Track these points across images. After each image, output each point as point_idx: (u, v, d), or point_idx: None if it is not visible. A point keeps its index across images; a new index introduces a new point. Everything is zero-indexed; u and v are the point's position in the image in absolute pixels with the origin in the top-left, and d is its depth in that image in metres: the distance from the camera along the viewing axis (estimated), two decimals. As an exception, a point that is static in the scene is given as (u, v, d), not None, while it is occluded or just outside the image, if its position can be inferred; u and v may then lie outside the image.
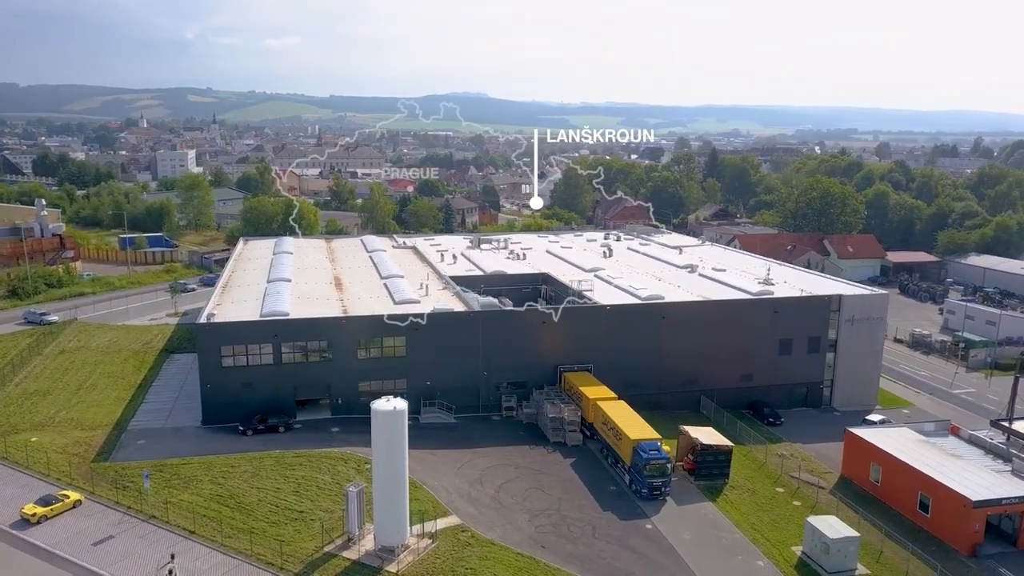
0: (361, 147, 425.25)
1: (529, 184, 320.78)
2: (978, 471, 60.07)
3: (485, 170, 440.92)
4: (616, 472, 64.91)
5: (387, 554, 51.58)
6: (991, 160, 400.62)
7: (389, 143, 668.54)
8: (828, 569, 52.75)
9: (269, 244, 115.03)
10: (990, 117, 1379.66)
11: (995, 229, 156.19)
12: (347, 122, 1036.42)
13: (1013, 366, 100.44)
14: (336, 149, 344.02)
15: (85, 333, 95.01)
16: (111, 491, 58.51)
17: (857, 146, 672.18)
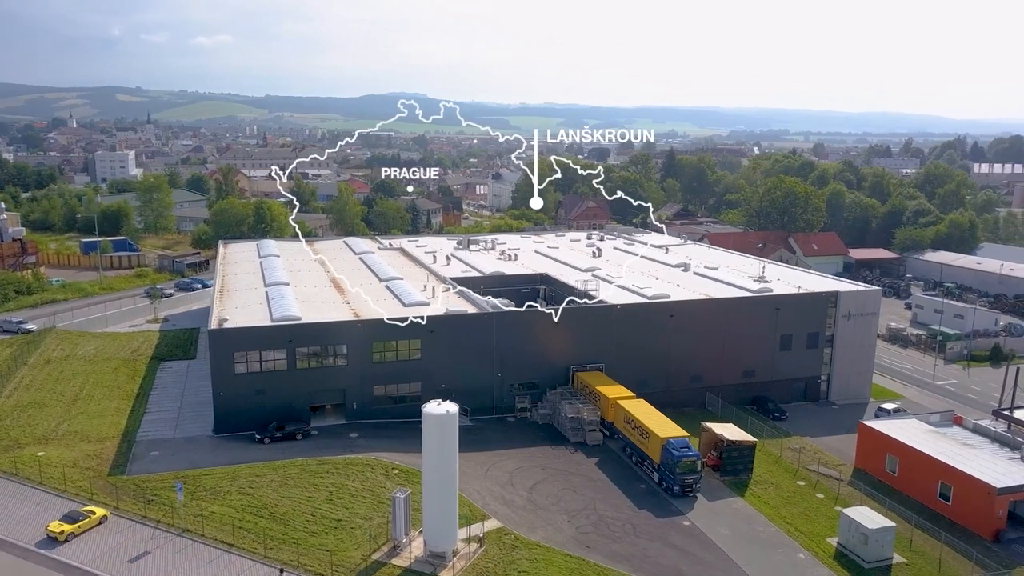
0: (307, 147, 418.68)
1: (484, 185, 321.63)
2: (992, 459, 62.45)
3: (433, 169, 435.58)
4: (643, 470, 65.39)
5: (438, 560, 50.96)
6: (922, 160, 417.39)
7: (331, 143, 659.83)
8: (866, 559, 54.15)
9: (250, 247, 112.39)
10: (911, 119, 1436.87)
11: (948, 226, 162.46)
12: (285, 122, 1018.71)
13: (987, 357, 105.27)
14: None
15: (67, 341, 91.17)
16: (135, 505, 56.37)
17: (790, 147, 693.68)
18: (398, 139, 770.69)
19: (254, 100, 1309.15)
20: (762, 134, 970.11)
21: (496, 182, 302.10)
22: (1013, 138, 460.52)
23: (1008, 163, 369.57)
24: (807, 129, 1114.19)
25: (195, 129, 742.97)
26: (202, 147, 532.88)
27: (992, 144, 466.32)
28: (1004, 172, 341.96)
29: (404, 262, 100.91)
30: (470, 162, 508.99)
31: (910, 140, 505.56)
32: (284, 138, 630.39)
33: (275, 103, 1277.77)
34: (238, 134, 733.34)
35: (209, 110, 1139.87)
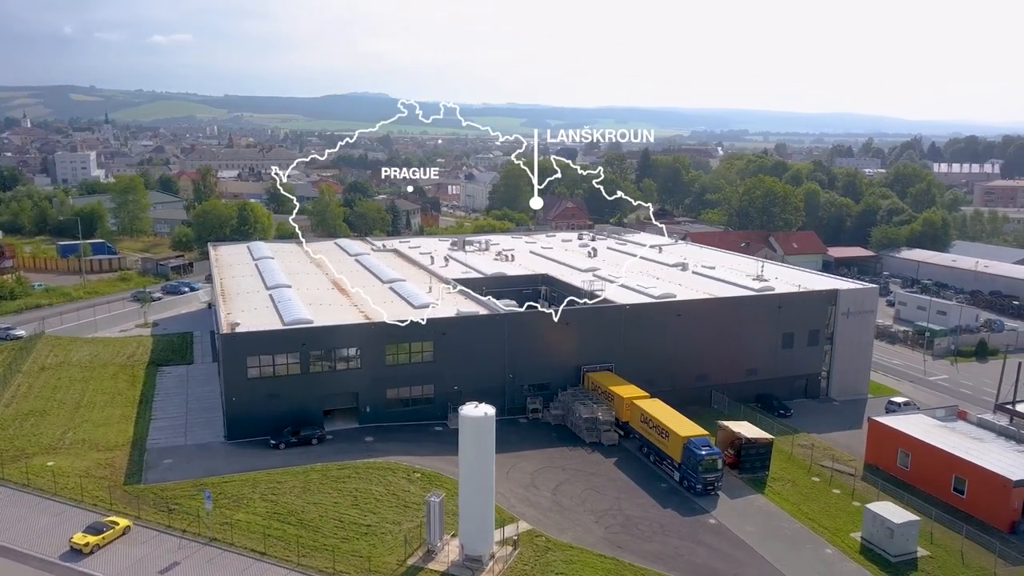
0: (275, 148, 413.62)
1: (456, 185, 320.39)
2: (1002, 452, 63.95)
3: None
4: (663, 469, 65.72)
5: (475, 564, 50.64)
6: (883, 160, 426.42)
7: (294, 143, 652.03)
8: (892, 553, 55.07)
9: (241, 249, 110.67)
10: (866, 119, 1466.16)
11: (923, 224, 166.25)
12: (245, 122, 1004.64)
13: (973, 352, 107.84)
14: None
15: (60, 348, 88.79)
16: (158, 515, 55.08)
17: (751, 146, 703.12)
18: (362, 139, 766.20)
19: (213, 100, 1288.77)
20: (723, 134, 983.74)
21: (469, 182, 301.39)
22: (968, 138, 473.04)
23: (965, 163, 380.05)
24: (766, 129, 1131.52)
25: (154, 129, 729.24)
26: (163, 148, 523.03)
27: (947, 144, 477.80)
28: (963, 172, 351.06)
29: (402, 264, 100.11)
30: (437, 162, 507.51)
31: (870, 140, 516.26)
32: (246, 138, 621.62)
33: (234, 103, 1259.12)
34: (199, 134, 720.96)
35: (167, 110, 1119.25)
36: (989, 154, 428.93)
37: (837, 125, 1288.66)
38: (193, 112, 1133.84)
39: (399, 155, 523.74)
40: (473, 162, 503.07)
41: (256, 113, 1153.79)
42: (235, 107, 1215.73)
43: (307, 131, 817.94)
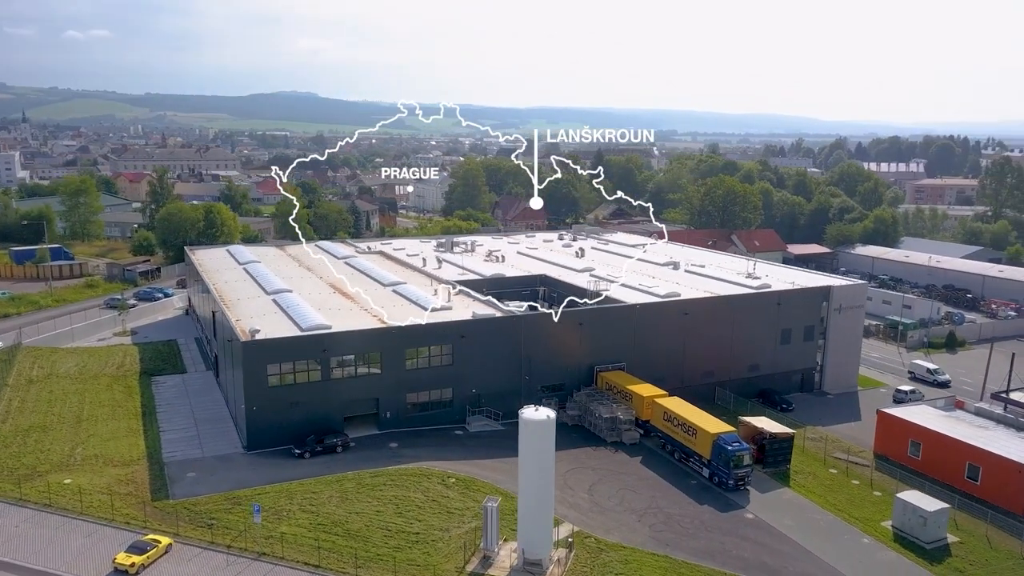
0: (213, 149, 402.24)
1: (404, 186, 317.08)
2: (1009, 439, 66.93)
3: (340, 171, 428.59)
4: (690, 466, 66.53)
5: (536, 568, 50.33)
6: (813, 160, 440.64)
7: (225, 143, 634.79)
8: (925, 540, 57.08)
9: (221, 253, 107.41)
10: (787, 120, 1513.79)
11: (874, 222, 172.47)
12: (169, 121, 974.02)
13: (943, 344, 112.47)
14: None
15: (42, 359, 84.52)
16: (196, 530, 53.06)
17: (682, 147, 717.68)
18: (295, 139, 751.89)
19: (133, 98, 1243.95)
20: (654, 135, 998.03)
21: (420, 182, 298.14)
22: (891, 139, 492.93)
23: (890, 162, 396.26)
24: (694, 130, 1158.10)
25: (74, 128, 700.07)
26: (88, 148, 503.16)
27: (872, 144, 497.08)
28: (891, 171, 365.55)
29: (394, 266, 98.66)
30: (376, 162, 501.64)
31: (800, 141, 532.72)
32: (174, 138, 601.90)
33: (156, 101, 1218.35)
34: (123, 134, 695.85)
35: (84, 108, 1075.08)
36: (911, 154, 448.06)
37: (761, 125, 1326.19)
38: (112, 111, 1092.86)
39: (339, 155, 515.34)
40: (413, 162, 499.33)
41: (180, 112, 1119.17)
42: (157, 106, 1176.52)
43: (236, 131, 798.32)
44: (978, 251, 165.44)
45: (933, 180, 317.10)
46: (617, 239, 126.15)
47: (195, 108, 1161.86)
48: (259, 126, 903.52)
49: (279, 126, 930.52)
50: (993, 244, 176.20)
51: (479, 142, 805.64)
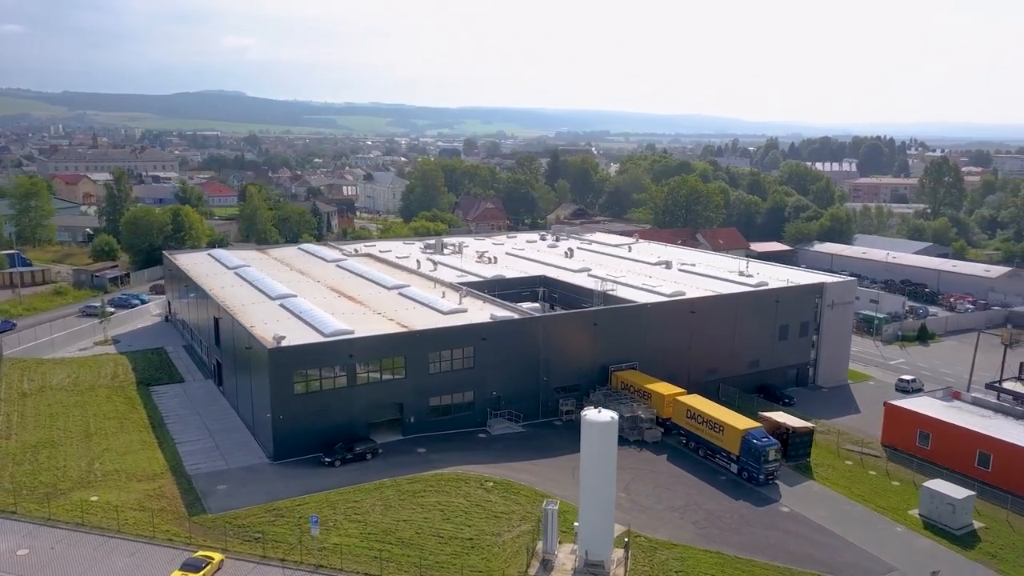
0: (148, 150, 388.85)
1: (350, 186, 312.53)
2: (1013, 427, 70.01)
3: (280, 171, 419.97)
4: (716, 463, 67.48)
5: (599, 569, 50.35)
6: (750, 160, 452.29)
7: (153, 143, 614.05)
8: (954, 526, 59.26)
9: (202, 258, 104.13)
10: (713, 120, 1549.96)
11: (830, 220, 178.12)
12: (90, 121, 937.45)
13: (916, 337, 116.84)
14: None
15: (29, 370, 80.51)
16: (245, 545, 51.37)
17: (616, 147, 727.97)
18: (226, 139, 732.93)
19: (50, 96, 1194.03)
20: (587, 134, 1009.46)
21: (369, 183, 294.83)
22: (822, 139, 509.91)
23: (824, 162, 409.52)
24: (626, 130, 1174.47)
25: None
26: (8, 148, 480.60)
27: (803, 144, 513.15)
28: (825, 170, 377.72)
29: (390, 269, 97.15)
30: (315, 162, 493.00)
31: (735, 141, 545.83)
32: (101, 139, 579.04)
33: (75, 100, 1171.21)
34: (43, 133, 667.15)
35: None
36: (842, 154, 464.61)
37: (689, 126, 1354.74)
38: (28, 109, 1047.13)
39: (278, 156, 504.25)
40: (353, 163, 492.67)
41: (101, 111, 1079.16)
42: (76, 104, 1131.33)
43: (164, 131, 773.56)
44: (928, 247, 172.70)
45: (869, 179, 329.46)
46: (598, 239, 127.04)
47: (117, 107, 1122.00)
48: (187, 126, 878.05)
49: (208, 126, 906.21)
50: (935, 240, 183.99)
51: (415, 142, 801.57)
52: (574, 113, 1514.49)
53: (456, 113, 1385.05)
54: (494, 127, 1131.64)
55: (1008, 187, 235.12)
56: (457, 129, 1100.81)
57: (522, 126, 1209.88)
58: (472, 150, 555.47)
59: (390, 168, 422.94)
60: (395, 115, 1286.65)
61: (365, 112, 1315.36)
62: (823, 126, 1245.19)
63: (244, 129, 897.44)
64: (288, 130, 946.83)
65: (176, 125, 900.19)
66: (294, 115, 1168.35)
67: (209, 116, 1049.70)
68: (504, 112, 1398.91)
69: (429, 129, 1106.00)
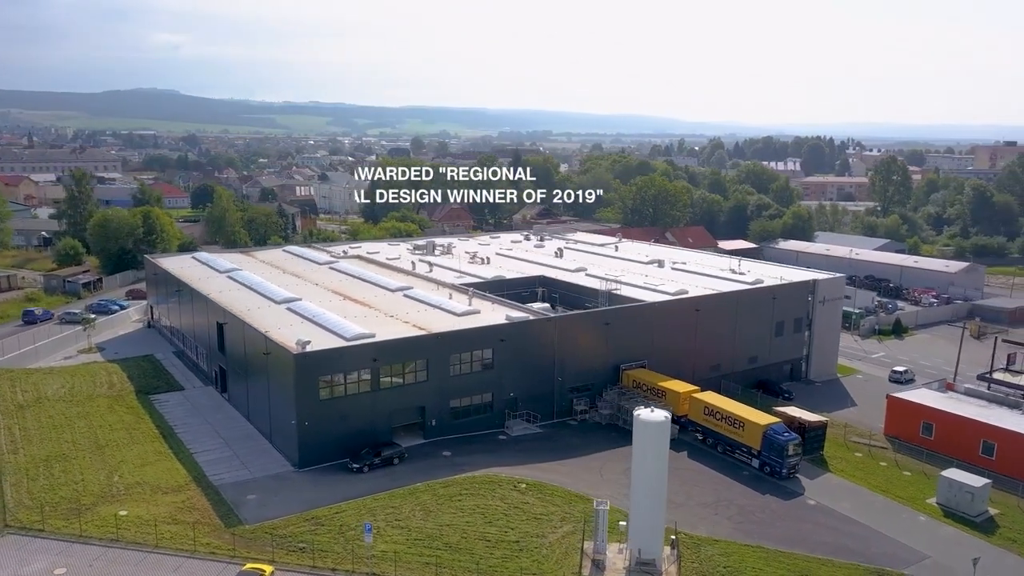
0: (89, 150, 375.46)
1: (304, 187, 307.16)
2: (1011, 416, 72.82)
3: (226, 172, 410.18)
4: (737, 458, 68.47)
5: (651, 567, 50.63)
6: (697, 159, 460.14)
7: (87, 142, 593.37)
8: (972, 513, 61.35)
9: (188, 261, 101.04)
10: (652, 120, 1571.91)
11: (792, 218, 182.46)
12: (16, 120, 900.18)
13: (891, 331, 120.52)
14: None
15: (21, 381, 77.07)
16: (291, 556, 50.12)
17: (560, 146, 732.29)
18: (164, 138, 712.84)
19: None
20: (529, 134, 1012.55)
21: (324, 183, 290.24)
22: (765, 139, 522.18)
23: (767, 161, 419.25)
24: (568, 130, 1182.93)
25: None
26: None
27: (747, 143, 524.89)
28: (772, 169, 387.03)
29: (386, 270, 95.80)
30: (260, 162, 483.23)
31: (682, 141, 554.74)
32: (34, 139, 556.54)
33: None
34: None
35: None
36: (784, 153, 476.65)
37: (629, 126, 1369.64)
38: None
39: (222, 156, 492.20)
40: (300, 162, 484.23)
41: (26, 109, 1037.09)
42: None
43: (97, 130, 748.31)
44: (887, 244, 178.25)
45: (815, 178, 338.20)
46: (582, 239, 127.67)
47: (44, 105, 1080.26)
48: (119, 125, 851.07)
49: (141, 125, 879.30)
50: (887, 237, 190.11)
51: (359, 141, 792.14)
52: (515, 113, 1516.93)
53: (398, 112, 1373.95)
54: (437, 127, 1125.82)
55: (951, 185, 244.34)
56: (399, 129, 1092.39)
57: (465, 126, 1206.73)
58: (420, 149, 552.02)
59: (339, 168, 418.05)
60: (335, 114, 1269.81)
61: (304, 111, 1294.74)
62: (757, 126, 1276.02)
63: (180, 128, 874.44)
64: (226, 129, 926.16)
65: (108, 124, 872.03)
66: (231, 114, 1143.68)
67: (142, 115, 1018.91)
68: (446, 112, 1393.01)
69: (371, 128, 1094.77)
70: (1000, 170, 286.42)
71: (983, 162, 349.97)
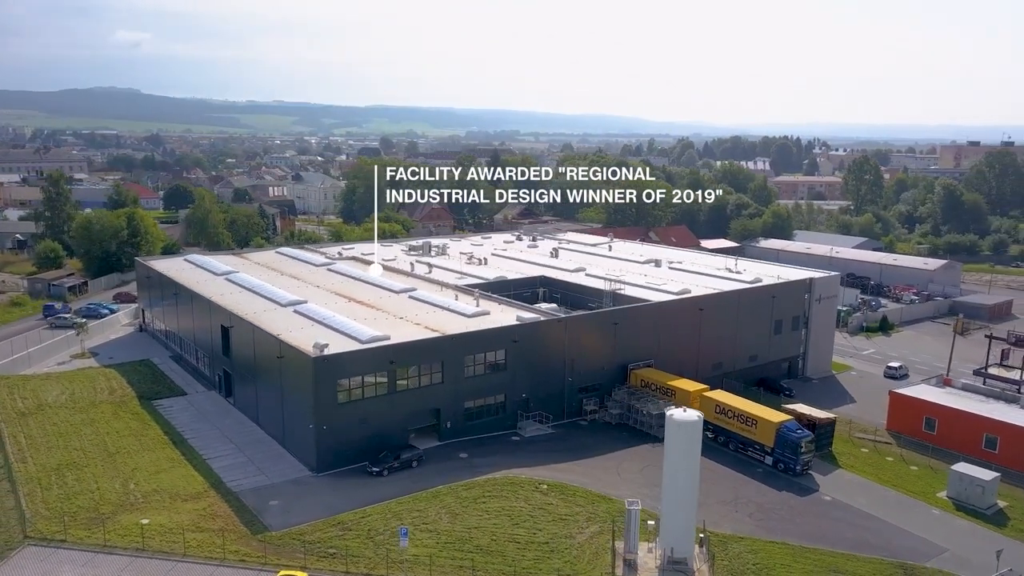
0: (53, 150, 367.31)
1: (276, 187, 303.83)
2: (1010, 411, 74.50)
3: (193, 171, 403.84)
4: (749, 455, 69.09)
5: (682, 566, 50.95)
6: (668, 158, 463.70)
7: (47, 141, 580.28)
8: (982, 506, 62.61)
9: (181, 264, 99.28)
10: (619, 120, 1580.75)
11: (772, 216, 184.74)
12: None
13: (879, 328, 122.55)
14: None
15: (19, 388, 75.19)
16: (322, 561, 49.62)
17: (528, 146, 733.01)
18: (127, 138, 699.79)
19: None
20: (496, 134, 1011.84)
21: (298, 184, 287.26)
22: (733, 138, 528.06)
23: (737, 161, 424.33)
24: (535, 129, 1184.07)
25: None
26: None
27: (715, 143, 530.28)
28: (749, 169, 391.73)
29: (387, 272, 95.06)
30: (228, 162, 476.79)
31: (652, 140, 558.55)
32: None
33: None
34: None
35: None
36: (753, 153, 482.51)
37: (596, 126, 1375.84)
38: None
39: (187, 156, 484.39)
40: (269, 162, 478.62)
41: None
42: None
43: (57, 129, 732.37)
44: (864, 242, 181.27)
45: (785, 177, 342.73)
46: (575, 239, 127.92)
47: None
48: (80, 124, 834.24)
49: (102, 124, 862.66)
50: (862, 235, 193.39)
51: (326, 141, 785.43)
52: (483, 112, 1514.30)
53: (364, 112, 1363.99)
54: (404, 126, 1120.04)
55: (920, 184, 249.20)
56: (366, 128, 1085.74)
57: (432, 125, 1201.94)
58: (390, 149, 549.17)
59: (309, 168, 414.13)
60: (300, 114, 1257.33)
61: (269, 111, 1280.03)
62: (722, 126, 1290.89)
63: (141, 128, 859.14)
64: (189, 129, 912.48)
65: (68, 123, 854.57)
66: (194, 113, 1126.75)
67: (102, 114, 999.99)
68: (413, 111, 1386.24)
69: (337, 128, 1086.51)
70: (966, 169, 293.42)
71: (948, 161, 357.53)
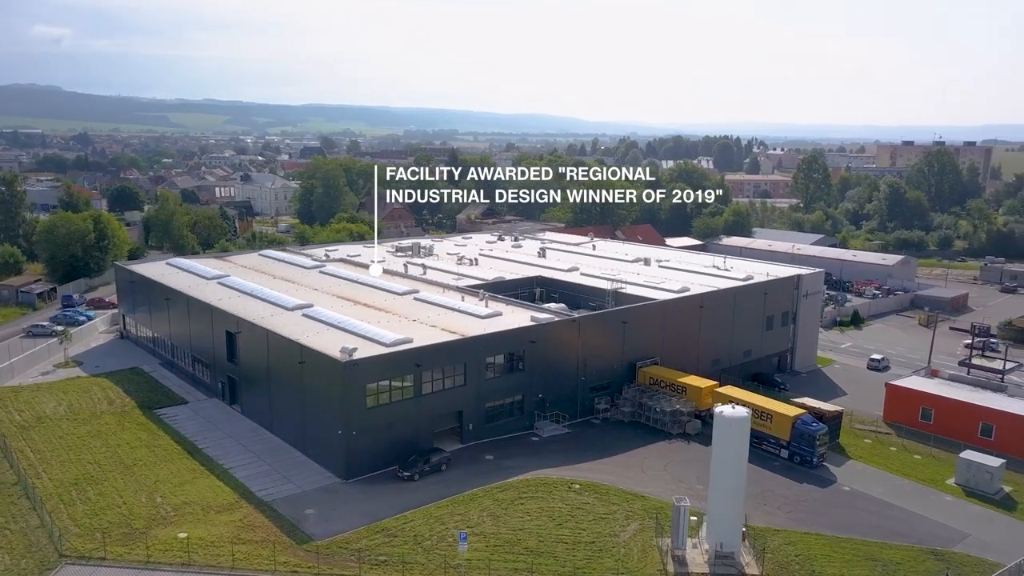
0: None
1: (224, 188, 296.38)
2: (1003, 399, 77.82)
3: (129, 172, 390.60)
4: (764, 449, 70.40)
5: (730, 560, 51.72)
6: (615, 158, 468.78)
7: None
8: (989, 492, 65.23)
9: (165, 269, 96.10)
10: (554, 120, 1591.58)
11: (733, 214, 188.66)
12: None
13: (850, 321, 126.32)
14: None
15: (11, 400, 71.66)
16: (375, 570, 48.71)
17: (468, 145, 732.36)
18: (52, 138, 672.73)
19: None
20: (434, 133, 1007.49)
21: (248, 184, 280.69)
22: (675, 138, 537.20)
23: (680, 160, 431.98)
24: (473, 129, 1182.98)
25: None
26: None
27: (658, 143, 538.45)
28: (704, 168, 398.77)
29: (385, 274, 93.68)
30: (164, 162, 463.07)
31: (596, 140, 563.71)
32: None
33: None
34: None
35: None
36: (695, 152, 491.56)
37: (533, 125, 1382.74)
38: None
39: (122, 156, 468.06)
40: (207, 162, 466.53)
41: None
42: None
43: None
44: (821, 238, 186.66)
45: (732, 175, 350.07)
46: (556, 238, 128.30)
47: None
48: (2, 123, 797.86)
49: (22, 123, 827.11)
50: (814, 232, 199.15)
51: (261, 140, 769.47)
52: (420, 112, 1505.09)
53: (298, 111, 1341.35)
54: (340, 125, 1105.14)
55: (864, 183, 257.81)
56: (302, 127, 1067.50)
57: (369, 124, 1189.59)
58: (331, 148, 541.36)
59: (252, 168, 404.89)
60: (232, 112, 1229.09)
61: (200, 109, 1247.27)
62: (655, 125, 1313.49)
63: (64, 126, 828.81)
64: (117, 128, 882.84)
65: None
66: (121, 112, 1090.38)
67: (22, 112, 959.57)
68: (348, 109, 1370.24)
69: (271, 127, 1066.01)
70: (903, 168, 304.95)
71: (884, 160, 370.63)
